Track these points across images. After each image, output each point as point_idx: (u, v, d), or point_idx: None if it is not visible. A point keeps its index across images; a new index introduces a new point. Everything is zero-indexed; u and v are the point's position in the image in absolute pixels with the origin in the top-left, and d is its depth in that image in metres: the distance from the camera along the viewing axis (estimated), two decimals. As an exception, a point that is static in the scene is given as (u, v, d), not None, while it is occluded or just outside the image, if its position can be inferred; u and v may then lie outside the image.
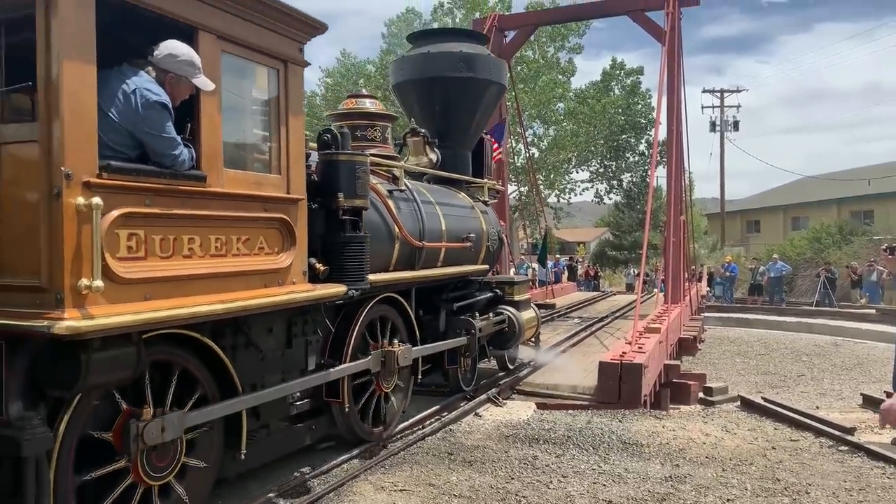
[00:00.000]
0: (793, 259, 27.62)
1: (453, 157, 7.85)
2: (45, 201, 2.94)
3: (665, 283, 14.18)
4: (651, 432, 6.42)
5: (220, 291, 3.68)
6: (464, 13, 30.84)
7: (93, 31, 3.02)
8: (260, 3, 3.93)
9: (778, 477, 5.28)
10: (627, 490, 4.92)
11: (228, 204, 3.79)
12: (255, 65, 4.10)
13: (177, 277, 3.43)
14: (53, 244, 2.93)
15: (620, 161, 35.55)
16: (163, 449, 3.57)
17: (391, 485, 4.89)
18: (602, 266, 37.71)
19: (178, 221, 3.47)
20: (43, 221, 2.94)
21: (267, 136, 4.24)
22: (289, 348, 4.57)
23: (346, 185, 4.81)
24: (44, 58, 2.93)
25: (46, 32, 2.91)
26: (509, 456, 5.63)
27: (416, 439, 5.96)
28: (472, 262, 7.48)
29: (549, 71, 30.87)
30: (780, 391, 10.78)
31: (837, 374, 12.59)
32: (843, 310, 21.44)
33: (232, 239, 3.81)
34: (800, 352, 15.31)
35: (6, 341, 3.00)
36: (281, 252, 4.19)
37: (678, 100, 15.08)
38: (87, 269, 2.96)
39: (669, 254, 14.21)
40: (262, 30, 4.01)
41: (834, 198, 38.10)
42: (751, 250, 35.98)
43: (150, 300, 3.27)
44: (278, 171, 4.22)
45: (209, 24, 3.63)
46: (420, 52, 7.90)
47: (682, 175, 16.22)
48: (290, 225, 4.22)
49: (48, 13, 2.88)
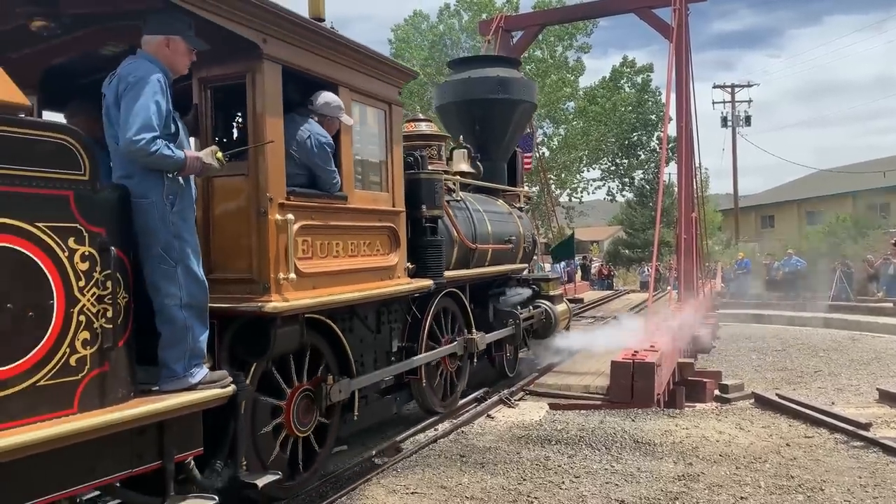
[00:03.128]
0: (808, 254, 27.36)
1: (491, 168, 8.87)
2: (254, 217, 4.00)
3: (678, 281, 14.12)
4: (664, 431, 6.39)
5: (355, 283, 4.80)
6: (470, 15, 30.89)
7: (280, 94, 4.12)
8: (374, 59, 5.12)
9: (792, 474, 5.24)
10: (640, 489, 4.90)
11: (358, 216, 4.93)
12: (370, 108, 5.23)
13: (330, 272, 4.55)
14: (261, 248, 3.99)
15: (632, 158, 35.43)
16: (308, 409, 4.66)
17: (403, 488, 4.91)
18: (616, 265, 37.56)
19: (330, 230, 4.62)
20: (253, 232, 4.01)
21: (378, 161, 5.35)
22: (379, 333, 5.61)
23: (427, 198, 5.94)
24: (252, 114, 4.02)
25: (253, 97, 4.01)
26: (521, 457, 5.62)
27: (427, 442, 5.97)
28: (513, 262, 8.44)
29: (558, 70, 30.84)
30: (797, 387, 10.70)
31: (855, 369, 12.47)
32: (860, 304, 21.21)
33: (360, 243, 4.95)
34: (816, 347, 15.18)
35: (218, 320, 3.81)
36: (390, 253, 5.31)
37: (687, 96, 15.02)
38: (284, 265, 4.04)
39: (682, 251, 14.16)
40: (374, 80, 5.19)
41: (849, 191, 37.73)
42: (765, 246, 35.70)
43: (315, 289, 4.35)
44: (387, 189, 5.37)
45: (345, 80, 4.83)
46: (461, 77, 9.07)
47: (692, 171, 16.16)
48: (396, 231, 5.37)
49: (254, 84, 4.01)
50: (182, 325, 3.39)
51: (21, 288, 2.67)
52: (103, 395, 2.96)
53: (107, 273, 2.96)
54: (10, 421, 2.59)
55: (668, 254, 26.73)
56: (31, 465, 2.64)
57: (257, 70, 3.99)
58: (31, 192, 2.71)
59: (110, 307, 2.98)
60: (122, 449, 3.07)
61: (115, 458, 3.05)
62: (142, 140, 3.18)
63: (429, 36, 32.09)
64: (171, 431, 3.28)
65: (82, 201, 2.89)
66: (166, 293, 3.35)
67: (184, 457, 3.39)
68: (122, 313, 3.06)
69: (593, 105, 31.66)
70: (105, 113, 3.45)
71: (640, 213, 38.26)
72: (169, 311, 3.36)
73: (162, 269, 3.34)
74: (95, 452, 2.94)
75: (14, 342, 2.63)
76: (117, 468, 3.06)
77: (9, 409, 2.59)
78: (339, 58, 4.75)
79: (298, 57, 4.30)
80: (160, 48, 3.46)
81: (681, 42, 14.69)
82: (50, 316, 2.76)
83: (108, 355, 2.97)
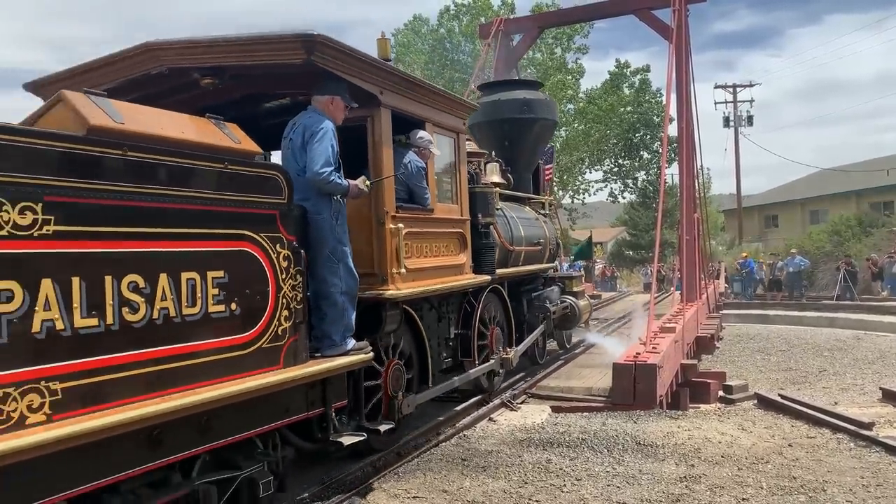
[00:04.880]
0: (812, 253, 27.27)
1: (519, 179, 9.89)
2: (376, 226, 5.24)
3: (681, 282, 14.08)
4: (666, 433, 6.39)
5: (438, 277, 6.03)
6: (469, 18, 30.94)
7: (391, 132, 5.39)
8: (447, 98, 6.46)
9: (794, 475, 5.22)
10: (642, 491, 4.90)
11: (440, 224, 6.16)
12: (445, 137, 6.47)
13: (423, 269, 5.74)
14: (380, 249, 5.23)
15: (634, 159, 35.42)
16: (397, 379, 5.59)
17: (404, 492, 4.91)
18: (619, 266, 37.51)
19: (422, 235, 5.82)
20: (375, 237, 5.26)
21: (450, 178, 6.59)
22: (440, 321, 6.57)
23: (482, 208, 7.09)
24: (372, 147, 5.30)
25: (373, 135, 5.30)
26: (523, 460, 5.62)
27: (429, 446, 5.98)
28: (541, 262, 9.53)
29: (557, 72, 30.87)
30: (802, 387, 10.67)
31: (860, 369, 12.43)
32: (865, 303, 21.16)
33: (440, 245, 6.19)
34: (821, 347, 15.12)
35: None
36: (460, 253, 6.54)
37: (688, 97, 15.01)
38: (395, 262, 5.23)
39: (684, 252, 14.14)
40: (447, 114, 6.45)
41: (852, 190, 37.60)
42: (769, 245, 35.60)
43: (415, 281, 5.55)
44: (456, 202, 6.63)
45: (429, 117, 6.09)
46: (491, 99, 10.08)
47: (694, 171, 16.13)
48: (464, 235, 6.63)
49: (374, 125, 5.29)
50: (341, 307, 4.51)
51: (252, 279, 3.75)
52: (295, 357, 4.03)
53: (297, 269, 4.06)
54: (247, 371, 3.67)
55: (672, 254, 26.70)
56: (258, 403, 3.75)
57: (376, 115, 5.27)
58: (258, 212, 3.82)
59: (300, 293, 4.07)
60: (301, 397, 4.17)
61: (297, 403, 4.13)
62: (324, 173, 4.38)
63: (429, 40, 32.16)
64: (330, 386, 4.39)
65: (283, 218, 3.99)
66: (332, 283, 4.46)
67: (337, 406, 4.48)
68: (304, 298, 4.14)
69: (592, 106, 31.68)
70: (291, 151, 4.63)
71: (644, 213, 38.21)
72: (333, 297, 4.48)
73: (329, 266, 4.46)
74: (289, 398, 4.05)
75: (249, 316, 3.70)
76: (299, 411, 4.14)
77: (245, 363, 3.67)
78: (425, 100, 6.00)
79: (402, 102, 5.58)
80: (326, 105, 4.68)
81: (681, 43, 14.67)
82: (267, 298, 3.84)
83: (298, 328, 4.04)
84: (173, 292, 3.21)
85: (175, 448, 3.25)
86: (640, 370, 7.37)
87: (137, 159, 3.11)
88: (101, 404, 2.85)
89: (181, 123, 3.67)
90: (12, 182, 2.59)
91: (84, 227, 2.83)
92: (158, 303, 3.13)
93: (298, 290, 4.05)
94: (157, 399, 3.09)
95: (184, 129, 3.62)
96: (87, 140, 2.96)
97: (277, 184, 3.98)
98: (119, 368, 2.95)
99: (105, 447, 2.85)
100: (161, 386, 3.14)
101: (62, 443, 2.62)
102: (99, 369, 2.85)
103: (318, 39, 4.38)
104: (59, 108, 3.18)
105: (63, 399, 2.70)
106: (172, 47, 4.61)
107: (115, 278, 2.93)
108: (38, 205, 2.67)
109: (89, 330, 2.82)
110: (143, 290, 3.07)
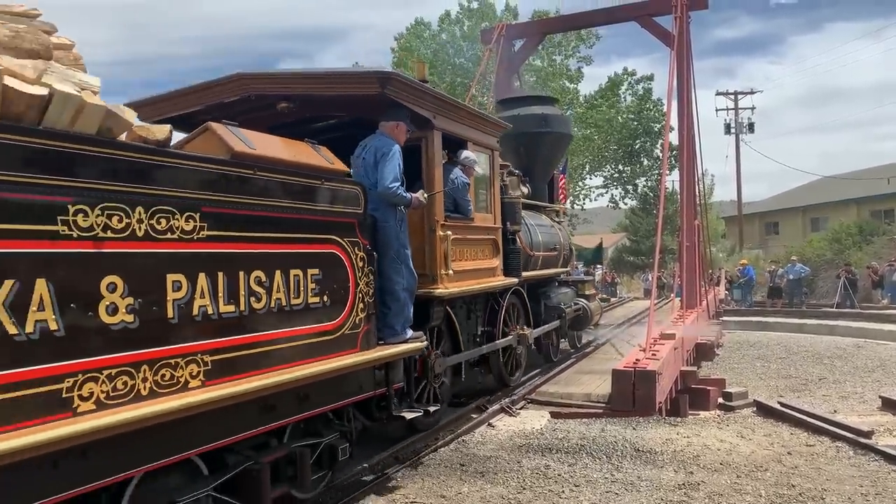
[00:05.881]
0: (812, 260, 27.28)
1: (535, 188, 10.64)
2: (427, 233, 6.14)
3: (681, 288, 14.08)
4: (665, 439, 6.40)
5: (476, 278, 6.96)
6: (472, 23, 30.97)
7: (441, 151, 6.32)
8: (485, 119, 7.49)
9: (793, 483, 5.25)
10: (640, 498, 4.92)
11: (478, 231, 7.09)
12: (482, 154, 7.36)
13: (465, 270, 6.67)
14: (431, 253, 6.13)
15: (635, 166, 35.40)
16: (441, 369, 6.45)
17: (402, 497, 4.95)
18: (620, 272, 37.46)
19: (465, 241, 6.71)
20: (427, 243, 6.14)
21: (485, 191, 7.54)
22: (469, 319, 7.33)
23: (511, 217, 7.95)
24: (425, 164, 6.21)
25: (426, 153, 6.20)
26: (521, 466, 5.64)
27: (428, 451, 5.98)
28: (556, 266, 10.37)
29: (557, 79, 30.89)
30: (802, 395, 10.71)
31: (860, 377, 12.44)
32: (865, 311, 21.14)
33: (478, 250, 7.09)
34: (821, 354, 15.13)
35: None
36: (493, 257, 7.46)
37: (689, 103, 15.04)
38: (444, 265, 6.12)
39: (684, 258, 14.14)
40: (484, 134, 7.39)
41: (853, 198, 37.71)
42: (770, 252, 35.66)
43: (459, 282, 6.44)
44: (491, 211, 7.58)
45: (470, 137, 7.03)
46: (510, 113, 10.63)
47: (695, 178, 16.14)
48: (497, 242, 7.55)
49: (427, 145, 6.19)
50: (403, 301, 5.29)
51: (338, 276, 4.50)
52: (368, 343, 4.77)
53: (370, 268, 4.81)
54: (334, 353, 4.40)
55: (672, 261, 26.69)
56: (340, 380, 4.52)
57: (430, 137, 6.20)
58: (343, 221, 4.58)
59: (371, 288, 4.83)
60: (370, 377, 4.92)
61: (368, 382, 4.89)
62: (393, 188, 5.19)
63: (431, 44, 32.18)
64: (391, 369, 5.13)
65: (360, 225, 4.73)
66: (396, 281, 5.23)
67: (396, 387, 5.24)
68: (375, 293, 4.89)
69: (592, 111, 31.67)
70: (364, 168, 5.41)
71: (644, 219, 38.21)
72: (397, 293, 5.25)
73: (394, 266, 5.23)
74: (363, 377, 4.82)
75: (336, 307, 4.46)
76: (368, 389, 4.90)
77: (333, 346, 4.41)
78: (467, 121, 6.97)
79: (450, 125, 6.51)
80: (392, 129, 5.50)
81: (682, 49, 14.70)
82: (349, 292, 4.59)
83: (369, 318, 4.80)
84: (284, 286, 3.98)
85: (283, 414, 4.01)
86: (640, 376, 7.39)
87: (263, 178, 3.89)
88: (235, 375, 3.57)
89: (291, 148, 4.50)
90: (180, 196, 3.31)
91: (226, 232, 3.57)
92: (275, 294, 3.89)
93: (371, 286, 4.82)
94: (271, 373, 3.81)
95: (294, 152, 4.44)
96: (231, 163, 3.76)
97: (357, 197, 4.76)
98: (247, 346, 3.68)
99: (235, 410, 3.58)
100: (274, 362, 3.88)
101: (213, 403, 3.36)
102: (234, 346, 3.59)
103: (392, 76, 5.44)
104: (206, 135, 3.93)
105: (212, 369, 3.44)
106: (262, 78, 5.58)
107: (245, 273, 3.68)
108: (196, 214, 3.40)
109: (229, 315, 3.56)
110: (265, 283, 3.82)
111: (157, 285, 3.17)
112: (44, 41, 3.11)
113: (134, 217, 3.07)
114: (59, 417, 2.72)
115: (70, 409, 2.77)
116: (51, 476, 2.71)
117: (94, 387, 2.87)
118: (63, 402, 2.75)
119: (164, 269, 3.21)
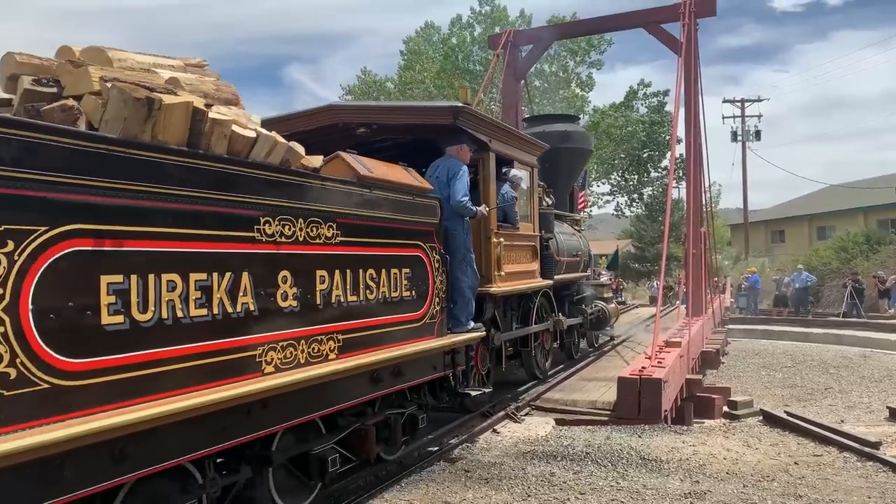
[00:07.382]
0: (818, 269, 27.24)
1: (559, 199, 11.61)
2: (483, 240, 7.19)
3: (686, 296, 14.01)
4: (671, 448, 6.40)
5: (520, 280, 8.09)
6: (484, 27, 31.00)
7: (495, 170, 7.44)
8: (527, 141, 8.70)
9: (800, 493, 5.25)
10: (645, 507, 4.87)
11: (521, 238, 8.26)
12: (524, 171, 8.52)
13: (512, 273, 7.79)
14: (487, 257, 7.19)
15: (642, 174, 35.32)
16: (483, 358, 7.45)
17: (406, 503, 4.93)
18: (625, 278, 37.36)
19: (512, 247, 7.80)
20: (483, 248, 7.18)
21: (526, 203, 8.69)
22: (505, 317, 8.19)
23: (545, 225, 9.21)
24: (482, 181, 7.27)
25: (483, 173, 7.32)
26: (526, 473, 5.66)
27: (433, 457, 5.99)
28: (578, 271, 11.40)
29: (568, 85, 30.87)
30: (807, 404, 10.74)
31: (866, 387, 12.47)
32: (872, 320, 21.10)
33: (520, 255, 8.23)
34: (827, 364, 15.19)
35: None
36: (533, 261, 8.71)
37: (696, 109, 15.00)
38: (497, 267, 7.25)
39: (690, 266, 14.10)
40: (526, 153, 8.61)
41: (860, 206, 37.71)
42: (776, 261, 35.68)
43: (508, 282, 7.58)
44: (531, 221, 8.78)
45: (516, 156, 8.18)
46: (536, 130, 11.68)
47: (701, 185, 16.08)
48: (536, 248, 8.80)
49: (484, 165, 7.29)
50: (467, 297, 6.32)
51: (422, 275, 5.51)
52: (441, 331, 5.82)
53: (444, 268, 5.83)
54: (419, 338, 5.41)
55: (678, 268, 26.60)
56: (422, 360, 5.59)
57: (486, 158, 7.33)
58: (425, 229, 5.62)
59: (444, 286, 5.84)
60: (441, 360, 5.97)
61: (439, 364, 5.94)
62: (464, 201, 6.28)
63: (441, 49, 32.21)
64: (457, 355, 6.19)
65: (437, 233, 5.77)
66: (462, 280, 6.24)
67: (460, 370, 6.29)
68: (446, 289, 5.89)
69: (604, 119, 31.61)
70: (437, 185, 6.29)
71: (650, 226, 38.17)
72: (463, 290, 6.25)
73: (461, 267, 6.24)
74: (437, 359, 5.90)
75: (420, 300, 5.48)
76: (440, 370, 5.95)
77: (418, 332, 5.42)
78: (514, 143, 8.17)
79: (501, 147, 7.67)
80: (458, 151, 6.63)
81: (689, 56, 14.67)
82: (429, 288, 5.60)
83: (443, 310, 5.84)
84: (388, 281, 5.02)
85: (384, 385, 5.07)
86: (645, 384, 7.42)
87: (378, 195, 4.99)
88: (356, 351, 4.60)
89: (392, 170, 5.53)
90: (325, 210, 4.36)
91: (352, 238, 4.62)
92: (381, 287, 4.94)
93: (444, 283, 5.84)
94: (378, 351, 4.84)
95: (395, 174, 5.48)
96: (358, 184, 4.85)
97: (436, 209, 5.83)
98: (364, 329, 4.74)
99: (355, 379, 4.63)
100: (381, 343, 4.93)
101: (344, 373, 4.41)
102: (356, 328, 4.64)
103: (464, 109, 6.67)
104: (336, 161, 4.97)
105: (343, 346, 4.46)
106: (350, 109, 7.13)
107: (363, 271, 4.73)
108: (334, 223, 4.44)
109: (353, 303, 4.62)
110: (375, 279, 4.87)
111: (309, 279, 4.21)
112: (234, 91, 4.16)
113: (297, 226, 4.11)
114: (255, 376, 3.76)
115: (259, 370, 3.81)
116: (244, 422, 3.72)
117: (273, 355, 3.90)
118: (258, 364, 3.80)
119: (315, 266, 4.27)
